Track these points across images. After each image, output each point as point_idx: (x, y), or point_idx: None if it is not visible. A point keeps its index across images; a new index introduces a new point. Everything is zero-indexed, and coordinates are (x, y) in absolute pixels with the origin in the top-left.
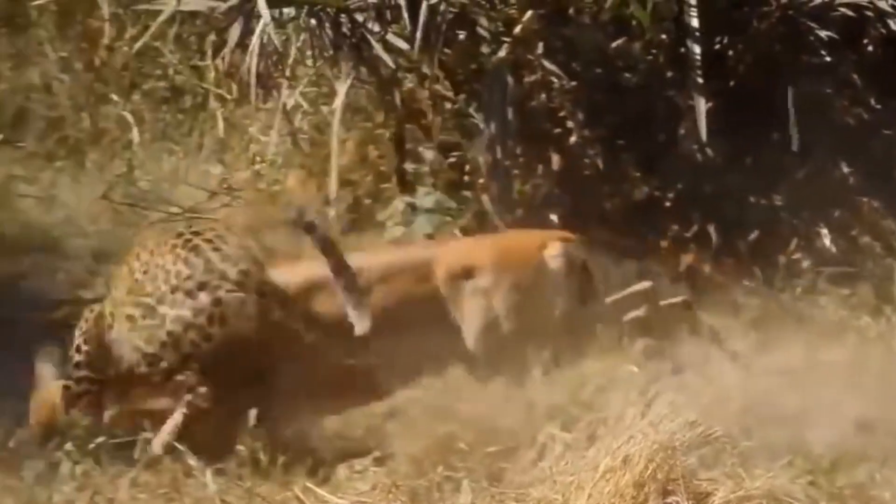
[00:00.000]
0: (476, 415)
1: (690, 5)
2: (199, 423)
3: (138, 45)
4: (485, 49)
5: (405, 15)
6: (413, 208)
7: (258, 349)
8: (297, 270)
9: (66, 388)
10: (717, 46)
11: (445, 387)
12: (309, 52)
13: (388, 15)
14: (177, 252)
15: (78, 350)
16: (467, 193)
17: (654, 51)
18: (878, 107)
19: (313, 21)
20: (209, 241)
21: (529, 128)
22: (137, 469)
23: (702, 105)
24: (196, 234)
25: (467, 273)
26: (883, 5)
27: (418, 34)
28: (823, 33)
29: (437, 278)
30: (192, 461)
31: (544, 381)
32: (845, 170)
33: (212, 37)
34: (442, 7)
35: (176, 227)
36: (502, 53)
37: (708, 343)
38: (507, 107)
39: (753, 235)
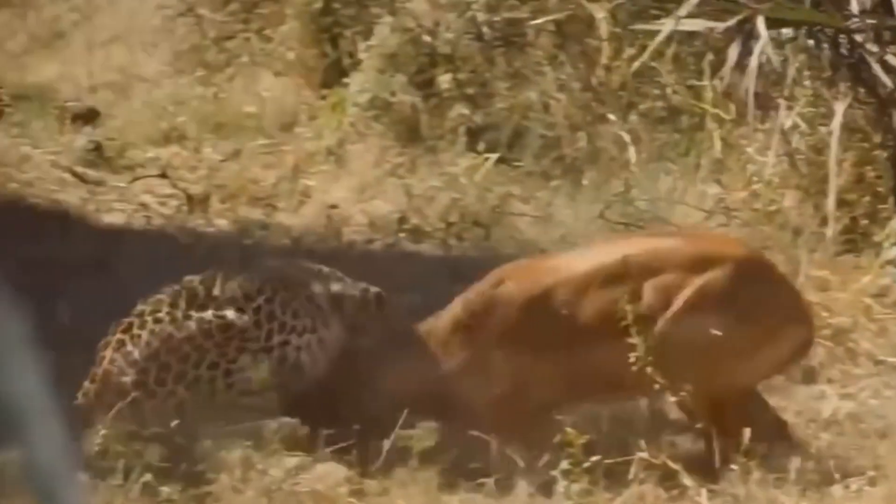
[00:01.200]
0: None
1: None
2: None
3: (636, 64)
4: None
5: None
6: None
7: None
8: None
9: None
10: None
11: None
12: (806, 73)
13: (887, 36)
14: None
15: None
16: None
17: None
18: None
19: (811, 41)
20: None
21: None
22: (631, 489)
23: None
24: None
25: None
26: None
27: None
28: None
29: None
30: (687, 481)
31: None
32: None
33: (709, 57)
34: None
35: None
36: None
37: None
38: None
39: None
